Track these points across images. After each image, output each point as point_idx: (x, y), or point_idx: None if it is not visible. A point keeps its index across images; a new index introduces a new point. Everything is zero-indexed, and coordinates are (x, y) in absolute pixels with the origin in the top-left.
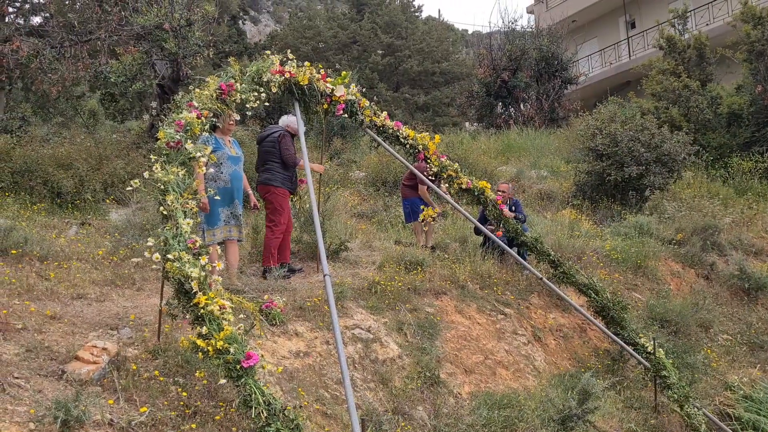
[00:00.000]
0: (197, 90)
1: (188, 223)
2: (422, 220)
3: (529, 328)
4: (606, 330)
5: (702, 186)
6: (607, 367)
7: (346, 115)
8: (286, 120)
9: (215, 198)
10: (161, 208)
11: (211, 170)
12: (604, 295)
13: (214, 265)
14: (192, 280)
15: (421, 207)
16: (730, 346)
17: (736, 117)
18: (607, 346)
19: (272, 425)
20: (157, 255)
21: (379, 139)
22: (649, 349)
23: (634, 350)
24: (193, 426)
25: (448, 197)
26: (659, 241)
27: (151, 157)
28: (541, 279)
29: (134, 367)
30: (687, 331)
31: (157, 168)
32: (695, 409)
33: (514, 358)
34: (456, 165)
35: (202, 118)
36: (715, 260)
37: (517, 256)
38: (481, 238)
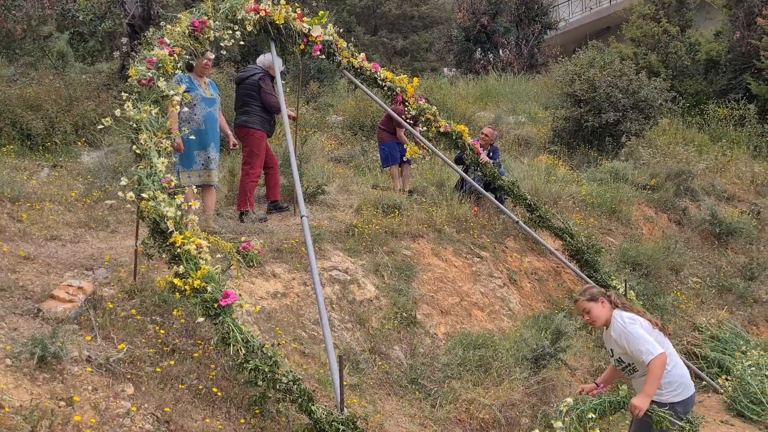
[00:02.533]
0: (169, 26)
1: (163, 162)
2: (407, 159)
3: (505, 271)
4: (580, 273)
5: (677, 133)
6: None
7: (323, 57)
8: (264, 60)
9: (190, 138)
10: (134, 147)
11: (186, 109)
12: (578, 239)
13: (189, 204)
14: (168, 220)
15: (405, 146)
16: (700, 288)
17: (714, 64)
18: (580, 288)
19: (251, 362)
20: (131, 194)
21: (357, 81)
22: (621, 290)
23: None
24: (172, 363)
25: (425, 141)
26: (634, 187)
27: (122, 95)
28: (517, 222)
29: (111, 306)
30: (658, 274)
31: (128, 106)
32: None
33: (489, 300)
34: (434, 108)
35: (175, 55)
36: (688, 205)
37: (494, 199)
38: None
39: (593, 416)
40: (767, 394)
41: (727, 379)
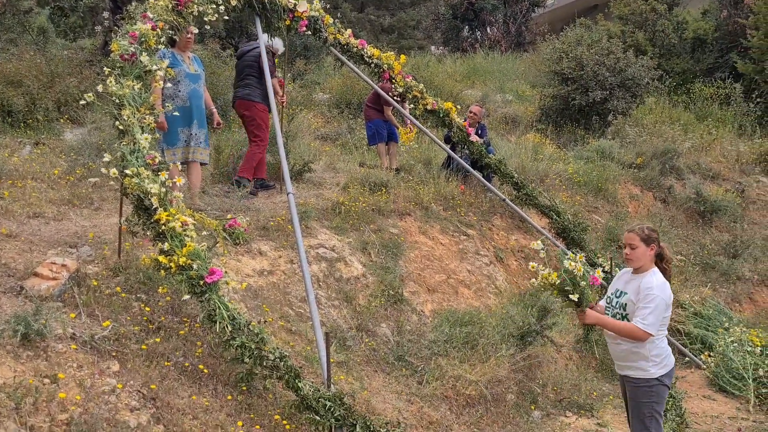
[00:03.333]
0: (152, 0)
1: (146, 139)
2: (402, 143)
3: (492, 248)
4: (566, 250)
5: (664, 112)
6: None
7: (309, 33)
8: (272, 43)
9: (174, 115)
10: (117, 123)
11: (169, 85)
12: (565, 217)
13: (174, 180)
14: (152, 197)
15: (396, 128)
16: (684, 266)
17: (701, 42)
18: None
19: (237, 339)
20: (114, 171)
21: (343, 58)
22: (606, 268)
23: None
24: (158, 340)
25: (413, 119)
26: (620, 165)
27: (105, 70)
28: (504, 200)
29: (95, 284)
30: None
31: (111, 81)
32: None
33: (476, 278)
34: (421, 86)
35: (158, 30)
36: (673, 184)
37: (481, 177)
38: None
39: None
40: (749, 370)
41: (709, 355)
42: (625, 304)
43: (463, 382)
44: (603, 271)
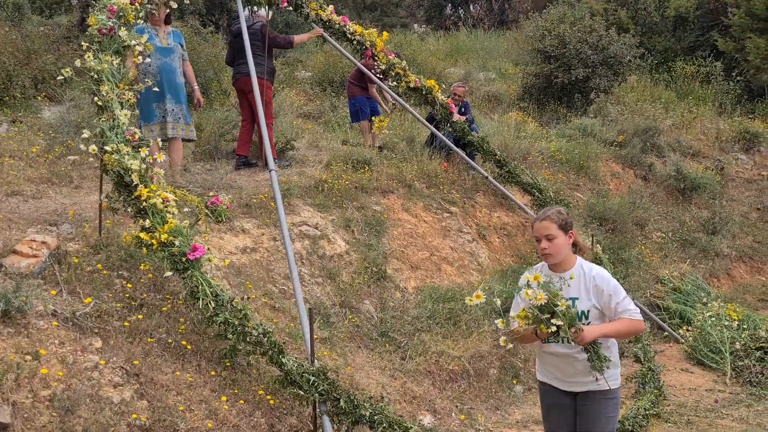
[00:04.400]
0: None
1: (125, 115)
2: (375, 129)
3: (474, 226)
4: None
5: (645, 90)
6: None
7: (290, 9)
8: (260, 12)
9: (152, 89)
10: (95, 98)
11: (148, 60)
12: (547, 194)
13: (154, 157)
14: (132, 173)
15: (372, 118)
16: (663, 242)
17: (682, 20)
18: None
19: (220, 315)
20: (93, 147)
21: (326, 35)
22: (588, 244)
23: None
24: (140, 317)
25: (395, 96)
26: (601, 143)
27: (83, 44)
28: (486, 178)
29: (76, 261)
30: (624, 229)
31: (89, 56)
32: None
33: (459, 255)
34: (404, 63)
35: (136, 4)
36: (654, 161)
37: (464, 155)
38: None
39: (559, 323)
40: (726, 343)
41: (688, 330)
42: (587, 311)
43: (446, 358)
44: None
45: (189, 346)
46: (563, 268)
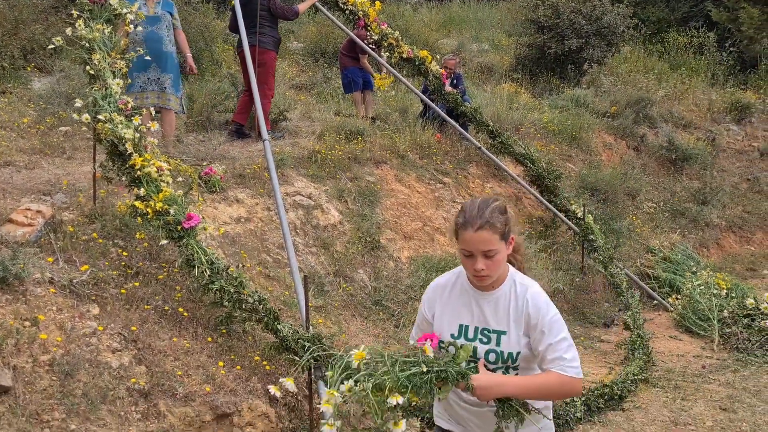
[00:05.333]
0: None
1: (118, 84)
2: (377, 89)
3: (467, 196)
4: (540, 197)
5: (639, 61)
6: (540, 233)
7: None
8: None
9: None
10: (87, 67)
11: (140, 29)
12: (539, 165)
13: (147, 126)
14: (126, 142)
15: (374, 75)
16: (654, 213)
17: None
18: (540, 213)
19: (216, 283)
20: (86, 116)
21: (318, 4)
22: (579, 215)
23: (565, 216)
24: (137, 285)
25: (389, 66)
26: (594, 114)
27: (73, 13)
28: (479, 149)
29: (71, 230)
30: (615, 200)
31: (80, 25)
32: (618, 269)
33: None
34: (397, 33)
35: None
36: (646, 132)
37: (457, 125)
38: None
39: (399, 401)
40: (714, 311)
41: (677, 298)
42: (515, 355)
43: None
44: (576, 218)
45: (185, 314)
46: (491, 287)
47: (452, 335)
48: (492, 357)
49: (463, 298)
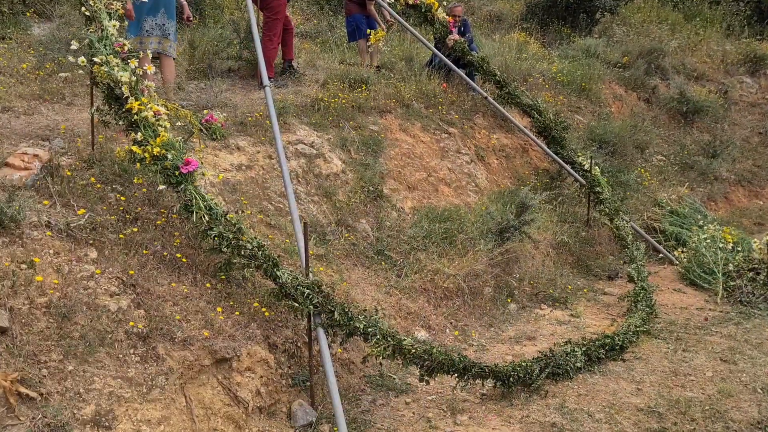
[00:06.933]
0: None
1: (114, 25)
2: (371, 44)
3: (473, 147)
4: (547, 149)
5: (652, 10)
6: (546, 185)
7: None
8: None
9: (141, 3)
10: (83, 9)
11: None
12: (547, 116)
13: (144, 68)
14: (122, 85)
15: (368, 31)
16: (663, 166)
17: None
18: (546, 165)
19: (214, 229)
20: (82, 59)
21: None
22: (586, 167)
23: (571, 168)
24: (135, 230)
25: (394, 14)
26: (605, 65)
27: None
28: (486, 99)
29: (69, 174)
30: (624, 152)
31: None
32: (624, 222)
33: (456, 176)
34: None
35: None
36: (658, 84)
37: (464, 75)
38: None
39: None
40: (719, 264)
41: (683, 251)
42: None
43: (441, 276)
44: (583, 170)
45: (184, 260)
46: None
47: None
48: None
49: None
